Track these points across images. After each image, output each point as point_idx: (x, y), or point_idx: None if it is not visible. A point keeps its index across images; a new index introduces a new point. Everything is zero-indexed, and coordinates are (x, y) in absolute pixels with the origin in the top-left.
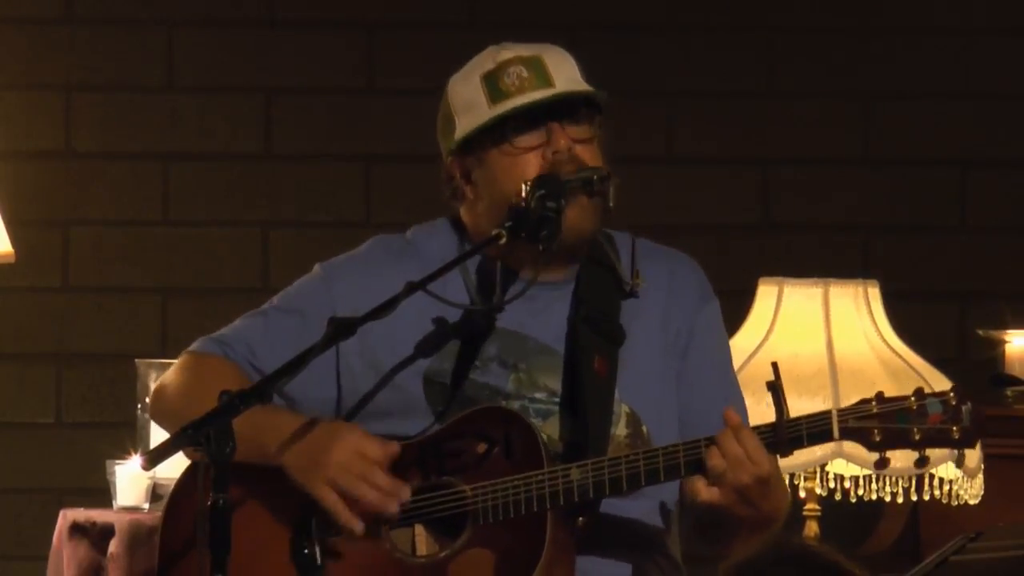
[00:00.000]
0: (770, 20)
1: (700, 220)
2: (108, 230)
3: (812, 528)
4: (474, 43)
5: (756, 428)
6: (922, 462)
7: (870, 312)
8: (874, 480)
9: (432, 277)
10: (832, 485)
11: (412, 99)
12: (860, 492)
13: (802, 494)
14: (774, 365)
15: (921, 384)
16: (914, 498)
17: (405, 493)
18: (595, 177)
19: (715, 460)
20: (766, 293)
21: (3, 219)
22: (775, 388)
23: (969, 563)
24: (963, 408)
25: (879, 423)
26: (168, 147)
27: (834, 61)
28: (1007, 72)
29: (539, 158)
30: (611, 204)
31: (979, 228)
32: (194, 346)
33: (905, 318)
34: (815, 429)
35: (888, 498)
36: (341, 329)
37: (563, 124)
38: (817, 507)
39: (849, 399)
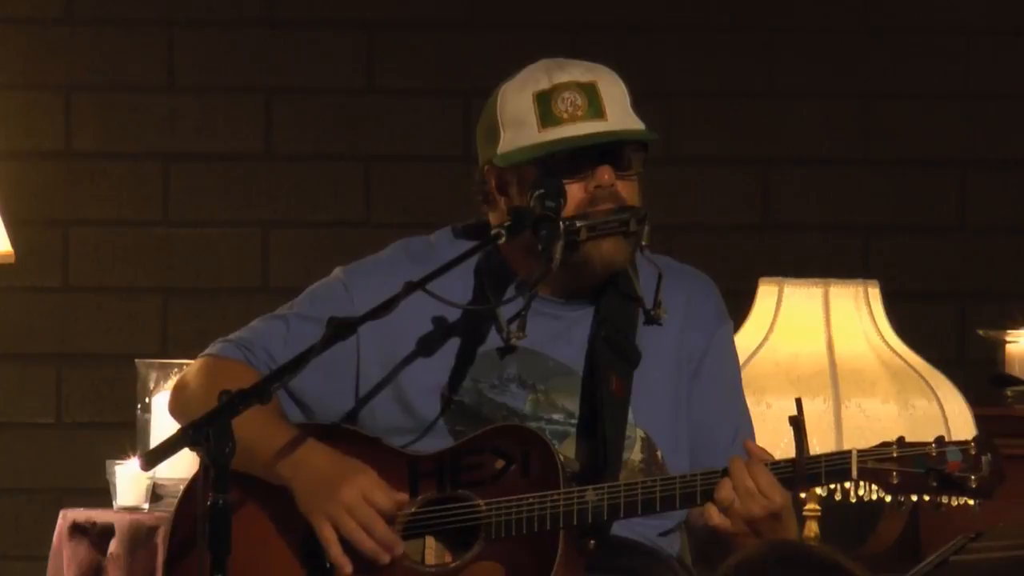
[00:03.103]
0: (770, 20)
1: (700, 220)
2: (108, 230)
3: (812, 528)
4: (474, 43)
5: (775, 464)
6: (937, 507)
7: (870, 312)
8: None
9: (430, 277)
10: (832, 485)
11: (412, 99)
12: (860, 492)
13: (802, 494)
14: (797, 401)
15: (921, 384)
16: (914, 498)
17: (399, 549)
18: (631, 219)
19: (724, 493)
20: (766, 293)
21: (3, 219)
22: (797, 424)
23: (969, 563)
24: (983, 458)
25: (898, 467)
26: (168, 147)
27: (834, 61)
28: (1007, 72)
29: (581, 190)
30: (644, 242)
31: (979, 228)
32: (214, 349)
33: (905, 318)
34: (834, 468)
35: (888, 498)
36: (341, 329)
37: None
38: (817, 507)
39: (849, 399)
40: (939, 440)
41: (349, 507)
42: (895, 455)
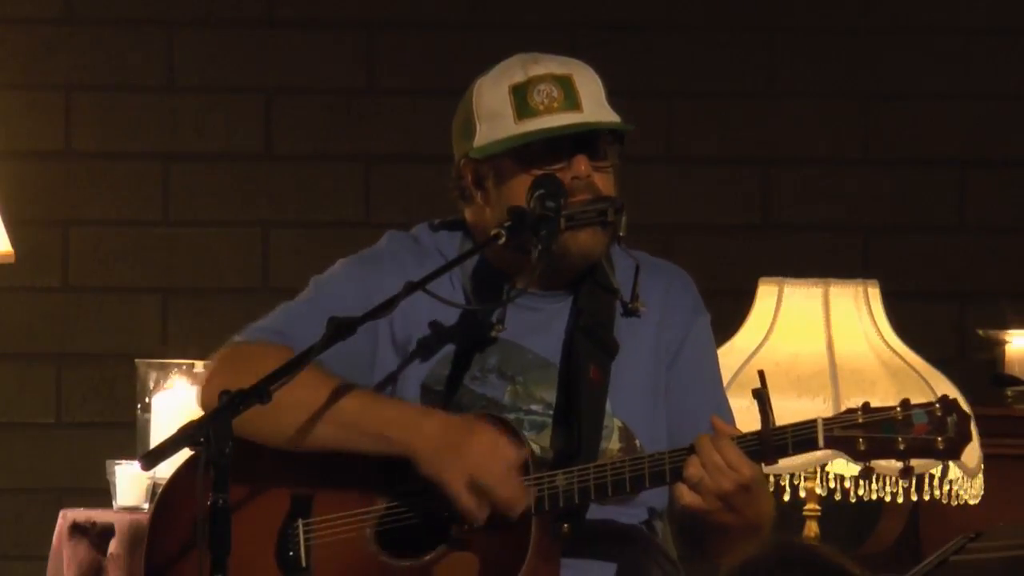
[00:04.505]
0: (770, 20)
1: (700, 220)
2: (108, 230)
3: (812, 528)
4: (474, 43)
5: (742, 437)
6: (907, 472)
7: (870, 312)
8: (874, 480)
9: (431, 277)
10: (832, 485)
11: (412, 99)
12: (860, 492)
13: (802, 494)
14: (760, 373)
15: (921, 384)
16: (914, 498)
17: (530, 498)
18: (609, 209)
19: (692, 469)
20: (766, 293)
21: (3, 219)
22: (761, 396)
23: (969, 563)
24: (948, 419)
25: (864, 432)
26: (168, 147)
27: (834, 61)
28: (1007, 72)
29: None
30: (621, 233)
31: (979, 228)
32: (243, 337)
33: (905, 318)
34: (800, 437)
35: (888, 498)
36: (341, 329)
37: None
38: (817, 507)
39: (849, 399)
40: (904, 403)
41: (482, 462)
42: (861, 421)
